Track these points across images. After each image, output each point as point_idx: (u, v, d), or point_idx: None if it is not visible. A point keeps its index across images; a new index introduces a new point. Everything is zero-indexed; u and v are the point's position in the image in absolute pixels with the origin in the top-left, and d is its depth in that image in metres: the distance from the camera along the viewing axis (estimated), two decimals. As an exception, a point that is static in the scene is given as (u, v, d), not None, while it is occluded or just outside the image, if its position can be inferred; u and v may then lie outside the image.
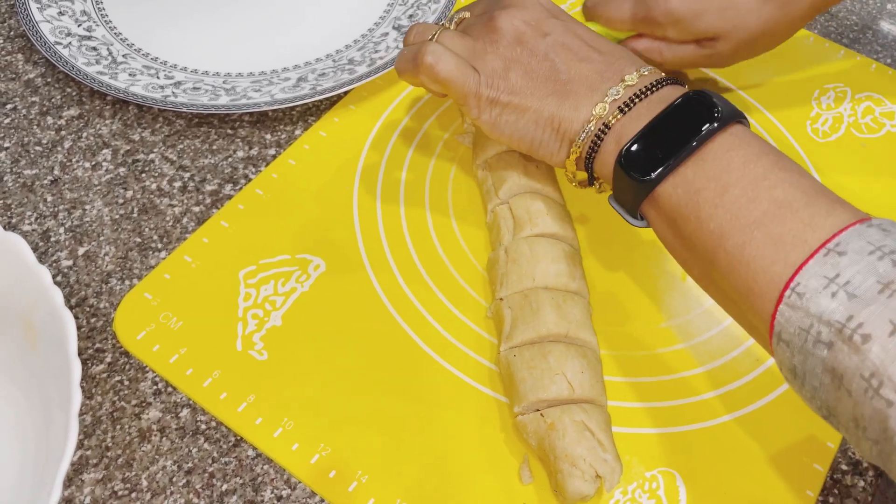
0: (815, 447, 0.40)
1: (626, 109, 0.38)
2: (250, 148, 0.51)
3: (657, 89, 0.39)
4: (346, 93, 0.54)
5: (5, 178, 0.49)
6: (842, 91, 0.56)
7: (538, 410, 0.38)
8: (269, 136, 0.52)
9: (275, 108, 0.50)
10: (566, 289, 0.42)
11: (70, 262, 0.46)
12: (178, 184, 0.49)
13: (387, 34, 0.57)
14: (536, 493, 0.38)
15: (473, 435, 0.40)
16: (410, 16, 0.58)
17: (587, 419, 0.38)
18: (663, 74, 0.40)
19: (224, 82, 0.54)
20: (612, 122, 0.39)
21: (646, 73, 0.40)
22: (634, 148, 0.37)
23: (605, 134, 0.39)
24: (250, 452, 0.39)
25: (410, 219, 0.48)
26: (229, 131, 0.52)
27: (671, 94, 0.38)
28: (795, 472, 0.39)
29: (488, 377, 0.42)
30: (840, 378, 0.30)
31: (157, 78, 0.53)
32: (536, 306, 0.41)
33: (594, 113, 0.39)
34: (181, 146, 0.51)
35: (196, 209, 0.48)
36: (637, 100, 0.38)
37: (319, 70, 0.55)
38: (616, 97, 0.39)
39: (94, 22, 0.57)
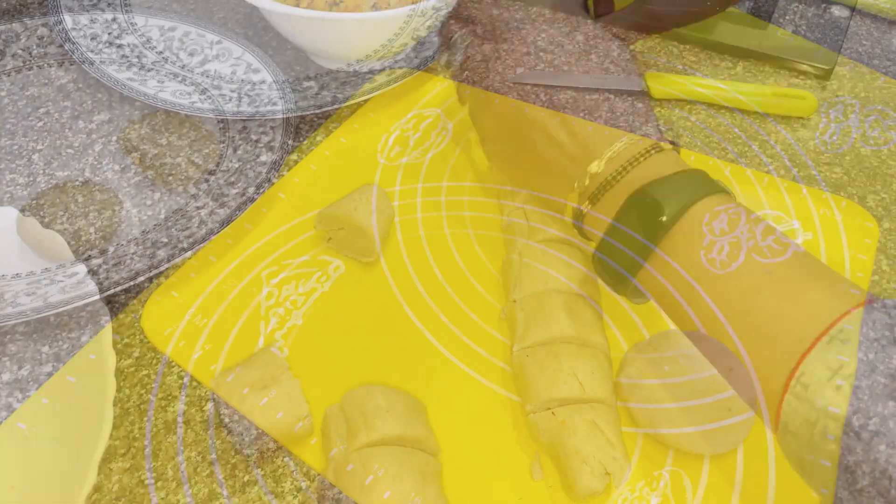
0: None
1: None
2: (273, 153, 0.53)
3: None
4: (365, 101, 0.55)
5: (38, 179, 0.51)
6: (850, 104, 0.57)
7: (550, 409, 0.39)
8: (291, 142, 0.53)
9: (297, 114, 0.52)
10: (578, 292, 0.43)
11: (100, 261, 0.47)
12: (203, 186, 0.51)
13: (406, 45, 0.59)
14: (547, 489, 0.39)
15: (487, 432, 0.41)
16: (429, 27, 0.60)
17: (597, 418, 0.39)
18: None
19: (249, 90, 0.55)
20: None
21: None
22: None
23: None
24: (271, 445, 0.41)
25: (426, 222, 0.49)
26: (253, 137, 0.54)
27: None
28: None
29: (501, 377, 0.43)
30: (853, 473, 0.29)
31: (185, 84, 0.55)
32: (549, 309, 0.42)
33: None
34: (207, 150, 0.53)
35: (221, 211, 0.50)
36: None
37: (341, 79, 0.56)
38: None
39: (125, 30, 0.58)
